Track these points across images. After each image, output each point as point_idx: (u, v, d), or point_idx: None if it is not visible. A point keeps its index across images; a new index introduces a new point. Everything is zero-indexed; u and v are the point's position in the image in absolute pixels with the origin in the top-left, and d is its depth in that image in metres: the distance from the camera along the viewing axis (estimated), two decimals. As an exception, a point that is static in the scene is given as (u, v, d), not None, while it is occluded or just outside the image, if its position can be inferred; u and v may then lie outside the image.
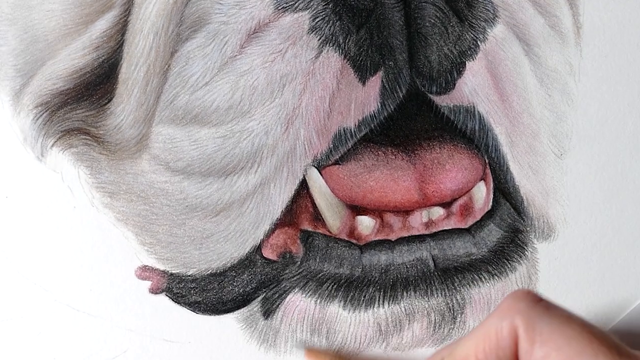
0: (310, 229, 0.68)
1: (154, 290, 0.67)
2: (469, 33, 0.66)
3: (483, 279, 0.70)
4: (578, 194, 0.71)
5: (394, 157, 0.68)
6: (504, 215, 0.70)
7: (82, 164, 0.66)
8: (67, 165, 0.66)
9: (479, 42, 0.67)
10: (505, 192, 0.70)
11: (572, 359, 0.53)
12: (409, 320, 0.69)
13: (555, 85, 0.70)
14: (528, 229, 0.71)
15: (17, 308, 0.66)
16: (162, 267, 0.67)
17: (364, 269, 0.68)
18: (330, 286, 0.68)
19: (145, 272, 0.67)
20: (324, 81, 0.65)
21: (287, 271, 0.68)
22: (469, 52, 0.66)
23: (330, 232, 0.68)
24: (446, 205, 0.69)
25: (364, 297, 0.68)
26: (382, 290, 0.68)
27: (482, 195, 0.69)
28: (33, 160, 0.66)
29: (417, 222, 0.68)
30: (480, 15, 0.66)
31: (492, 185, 0.70)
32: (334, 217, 0.68)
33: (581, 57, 0.70)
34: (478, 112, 0.67)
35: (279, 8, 0.64)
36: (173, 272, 0.67)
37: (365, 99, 0.65)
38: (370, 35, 0.65)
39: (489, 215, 0.70)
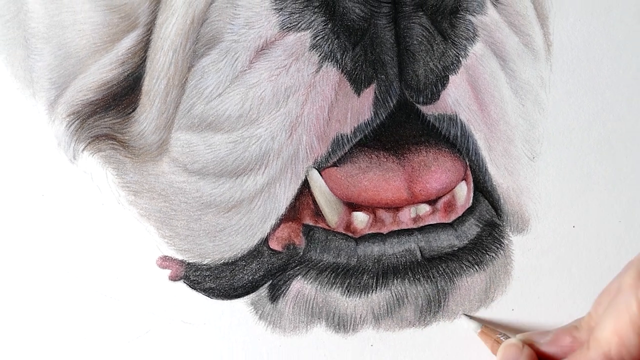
0: (311, 224, 0.68)
1: (173, 278, 0.68)
2: (452, 50, 0.66)
3: (464, 268, 0.69)
4: (549, 192, 0.70)
5: (385, 159, 0.67)
6: (483, 212, 0.70)
7: (110, 166, 0.67)
8: (96, 167, 0.67)
9: (460, 58, 0.66)
10: (484, 191, 0.70)
11: None
12: (399, 305, 0.68)
13: (528, 96, 0.69)
14: (504, 223, 0.70)
15: (52, 293, 0.67)
16: (180, 257, 0.67)
17: (359, 259, 0.68)
18: (329, 274, 0.68)
19: (165, 261, 0.67)
20: (324, 92, 0.65)
21: (291, 261, 0.68)
22: (451, 66, 0.66)
23: (329, 227, 0.68)
24: (432, 202, 0.69)
25: (359, 283, 0.68)
26: (375, 277, 0.68)
27: (463, 193, 0.69)
28: (66, 163, 0.66)
29: (406, 217, 0.68)
30: (461, 35, 0.66)
31: (472, 185, 0.70)
32: (332, 213, 0.68)
33: (551, 71, 0.70)
34: (460, 120, 0.67)
35: (284, 28, 0.64)
36: (190, 261, 0.67)
37: (360, 108, 0.65)
38: (365, 52, 0.65)
39: (469, 211, 0.70)
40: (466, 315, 0.69)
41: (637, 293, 0.52)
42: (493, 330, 0.65)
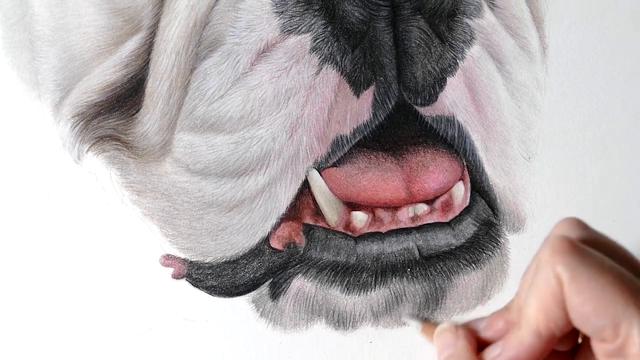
0: (311, 223, 0.68)
1: (176, 276, 0.68)
2: (450, 52, 0.66)
3: (461, 266, 0.69)
4: (544, 192, 0.70)
5: (384, 160, 0.68)
6: (480, 211, 0.70)
7: (114, 166, 0.67)
8: (100, 167, 0.67)
9: (458, 60, 0.67)
10: (480, 190, 0.70)
11: (605, 307, 0.49)
12: (398, 302, 0.69)
13: (524, 98, 0.69)
14: (501, 222, 0.71)
15: (57, 291, 0.67)
16: (183, 256, 0.68)
17: (358, 258, 0.68)
18: (329, 272, 0.68)
19: (168, 260, 0.68)
20: (324, 94, 0.65)
21: (291, 259, 0.68)
22: (449, 69, 0.67)
23: (329, 226, 0.68)
24: (429, 202, 0.69)
25: (358, 281, 0.68)
26: (374, 276, 0.68)
27: (460, 193, 0.69)
28: (71, 163, 0.67)
29: (404, 216, 0.68)
30: (459, 37, 0.67)
31: (469, 185, 0.70)
32: (332, 213, 0.68)
33: (547, 74, 0.70)
34: (457, 121, 0.67)
35: (285, 31, 0.65)
36: (192, 260, 0.68)
37: (359, 110, 0.66)
38: (364, 55, 0.65)
39: (466, 210, 0.70)
40: (407, 315, 0.68)
41: (554, 268, 0.51)
42: (433, 324, 0.65)
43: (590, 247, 0.53)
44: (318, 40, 0.65)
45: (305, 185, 0.67)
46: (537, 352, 0.53)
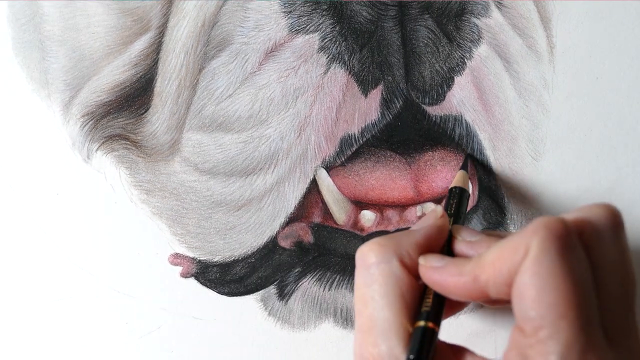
0: (319, 222, 0.68)
1: (184, 275, 0.68)
2: (457, 52, 0.66)
3: None
4: (552, 191, 0.70)
5: (392, 159, 0.68)
6: (487, 210, 0.70)
7: (123, 165, 0.67)
8: (109, 167, 0.67)
9: (465, 59, 0.67)
10: (488, 189, 0.69)
11: (542, 308, 0.49)
12: None
13: (532, 97, 0.69)
14: (508, 221, 0.70)
15: (67, 290, 0.67)
16: (191, 255, 0.68)
17: None
18: (337, 271, 0.68)
19: (176, 259, 0.68)
20: (332, 93, 0.66)
21: (299, 258, 0.68)
22: (457, 68, 0.67)
23: (337, 224, 0.68)
24: (437, 201, 0.68)
25: None
26: None
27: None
28: (80, 162, 0.67)
29: (413, 215, 0.68)
30: (466, 37, 0.66)
31: (477, 184, 0.69)
32: (340, 211, 0.68)
33: (554, 73, 0.69)
34: (465, 120, 0.67)
35: (293, 30, 0.65)
36: (201, 259, 0.68)
37: (367, 109, 0.66)
38: (372, 54, 0.65)
39: (474, 209, 0.69)
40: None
41: (531, 238, 0.51)
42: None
43: (591, 249, 0.53)
44: (326, 40, 0.65)
45: (314, 185, 0.67)
46: (467, 292, 0.53)
